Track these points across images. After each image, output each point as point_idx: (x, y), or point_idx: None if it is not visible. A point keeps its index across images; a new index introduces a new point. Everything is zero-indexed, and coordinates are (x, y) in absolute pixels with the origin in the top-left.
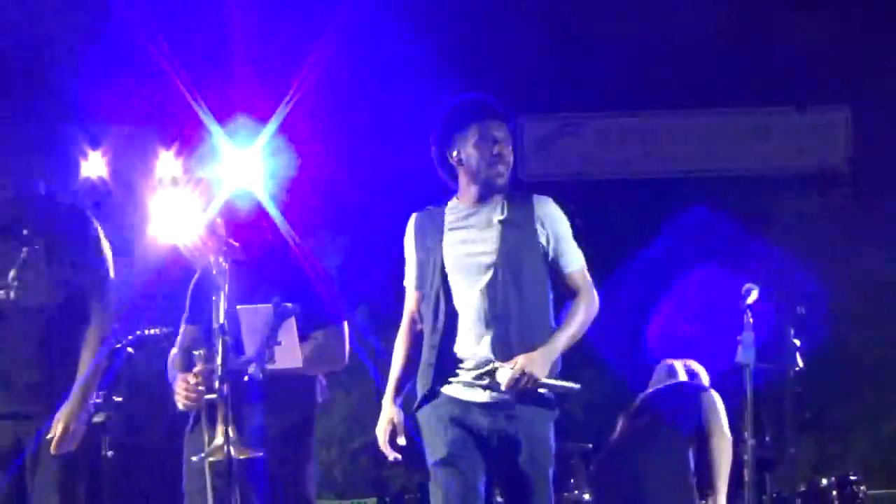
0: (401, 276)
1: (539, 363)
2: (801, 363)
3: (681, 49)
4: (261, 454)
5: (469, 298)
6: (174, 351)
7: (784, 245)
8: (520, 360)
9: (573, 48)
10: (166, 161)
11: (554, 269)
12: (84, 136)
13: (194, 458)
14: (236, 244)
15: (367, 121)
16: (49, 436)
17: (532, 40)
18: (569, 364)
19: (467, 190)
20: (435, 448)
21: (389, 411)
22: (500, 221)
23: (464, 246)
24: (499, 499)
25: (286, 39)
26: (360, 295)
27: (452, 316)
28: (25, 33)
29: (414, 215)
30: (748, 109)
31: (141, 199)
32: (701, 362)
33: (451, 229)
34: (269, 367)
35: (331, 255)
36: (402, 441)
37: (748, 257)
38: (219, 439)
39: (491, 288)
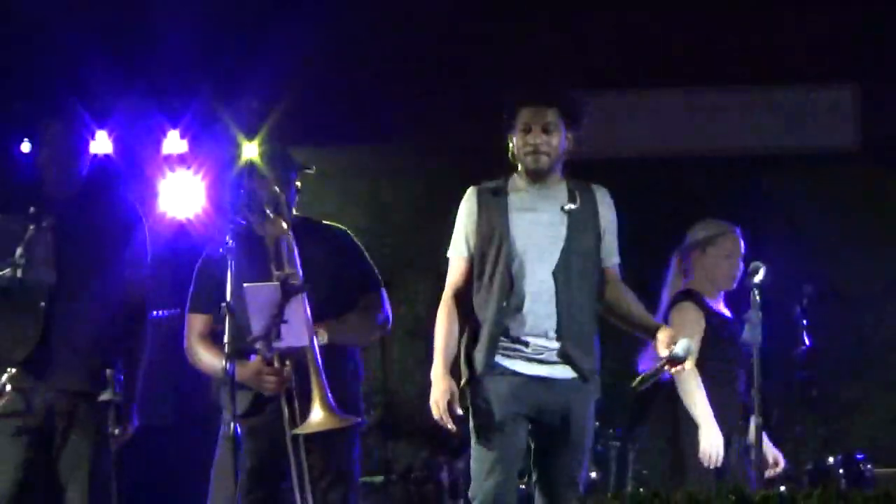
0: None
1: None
2: (807, 341)
3: (688, 26)
4: (361, 419)
5: (539, 280)
6: (193, 340)
7: (791, 223)
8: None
9: (579, 25)
10: (173, 139)
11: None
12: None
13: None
14: (243, 223)
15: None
16: (116, 431)
17: (536, 19)
18: None
19: (523, 173)
20: (485, 425)
21: (445, 382)
22: (568, 210)
23: (535, 228)
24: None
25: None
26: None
27: (520, 295)
28: (30, 10)
29: (473, 189)
30: (755, 87)
31: (148, 178)
32: None
33: (519, 210)
34: (276, 345)
35: None
36: (459, 411)
37: (755, 236)
38: (317, 412)
39: (562, 271)
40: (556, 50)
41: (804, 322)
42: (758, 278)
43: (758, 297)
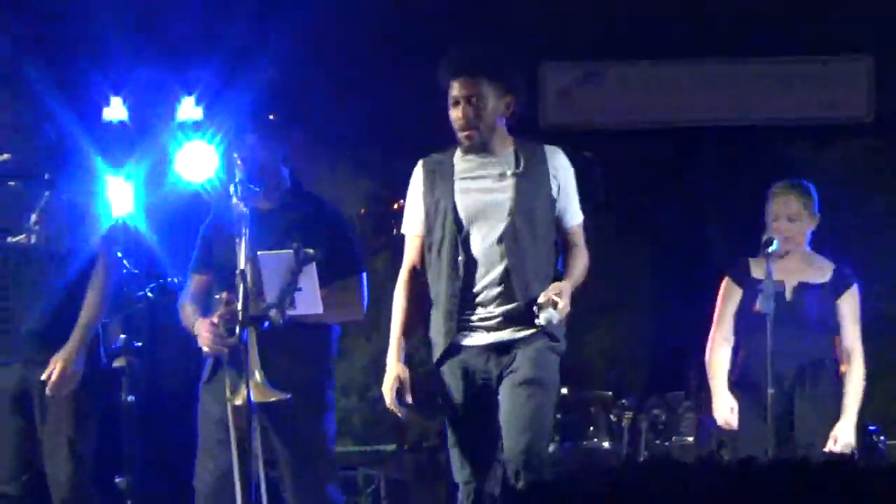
0: None
1: (568, 293)
2: None
3: None
4: (289, 396)
5: (486, 247)
6: (185, 301)
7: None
8: (561, 286)
9: None
10: (188, 106)
11: (557, 222)
12: (105, 81)
13: (220, 402)
14: (257, 189)
15: (390, 63)
16: (43, 377)
17: None
18: (588, 312)
19: None
20: (452, 405)
21: (395, 368)
22: (515, 174)
23: (479, 195)
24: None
25: None
26: (383, 242)
27: (470, 263)
28: None
29: (420, 162)
30: (770, 58)
31: (163, 145)
32: None
33: (462, 178)
34: (290, 312)
35: (353, 202)
36: (409, 399)
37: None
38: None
39: (508, 237)
40: (569, 18)
41: None
42: (772, 249)
43: (772, 269)
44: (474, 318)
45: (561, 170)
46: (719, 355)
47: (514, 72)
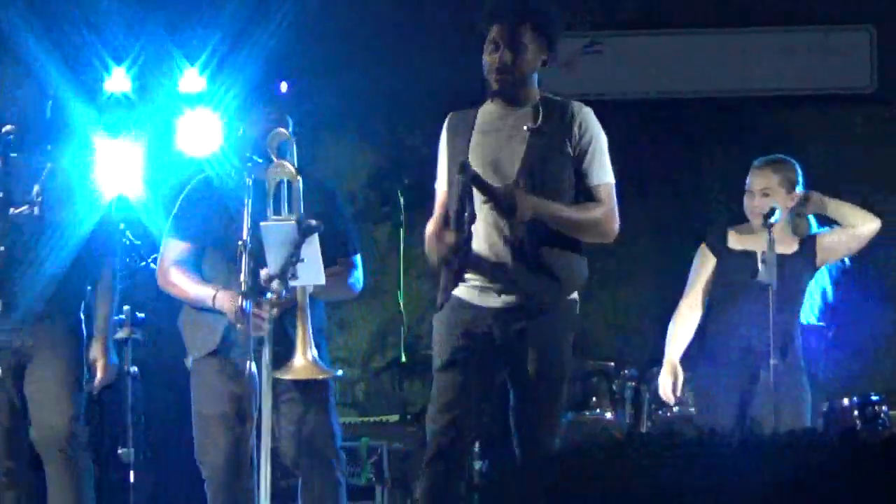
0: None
1: (524, 199)
2: (831, 295)
3: None
4: (340, 372)
5: (487, 206)
6: (171, 266)
7: (807, 168)
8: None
9: None
10: (191, 76)
11: (580, 181)
12: (108, 51)
13: (227, 375)
14: (259, 160)
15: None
16: (95, 383)
17: None
18: (589, 282)
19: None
20: (441, 355)
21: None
22: (529, 129)
23: (489, 150)
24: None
25: None
26: (386, 213)
27: (473, 220)
28: None
29: (450, 115)
30: (771, 28)
31: (166, 115)
32: None
33: (480, 132)
34: (292, 283)
35: (358, 174)
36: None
37: None
38: (299, 359)
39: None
40: None
41: (834, 274)
42: (773, 219)
43: (773, 238)
44: (479, 277)
45: (587, 126)
46: (683, 325)
47: (558, 28)
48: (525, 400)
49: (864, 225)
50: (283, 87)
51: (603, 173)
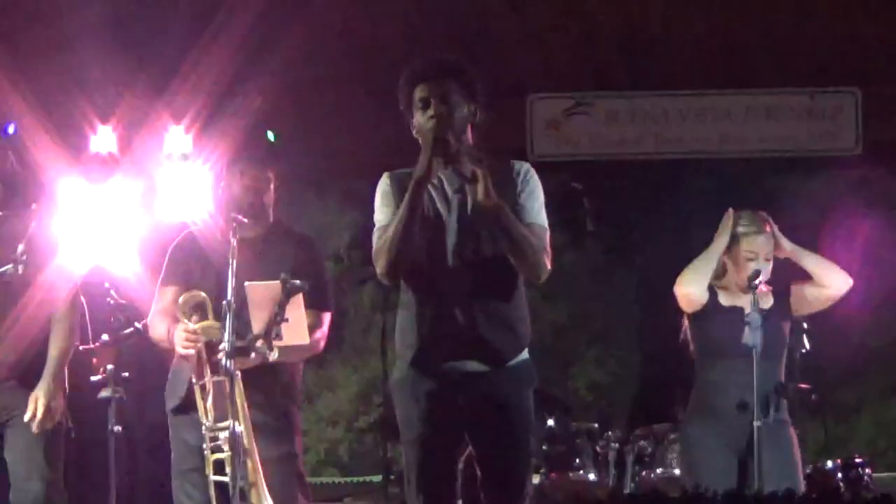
0: None
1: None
2: (807, 345)
3: (690, 29)
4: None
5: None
6: (155, 316)
7: (792, 227)
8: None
9: (582, 27)
10: (176, 136)
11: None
12: (94, 109)
13: (196, 429)
14: (245, 220)
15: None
16: (27, 417)
17: (541, 18)
18: (574, 343)
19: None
20: (409, 425)
21: None
22: (456, 190)
23: (431, 209)
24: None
25: None
26: (371, 273)
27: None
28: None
29: (385, 175)
30: (758, 90)
31: (149, 175)
32: None
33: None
34: (277, 343)
35: (340, 233)
36: None
37: None
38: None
39: (454, 256)
40: (555, 50)
41: (804, 325)
42: (758, 282)
43: (758, 300)
44: (436, 338)
45: (526, 176)
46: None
47: (477, 79)
48: (494, 466)
49: (835, 287)
50: (270, 135)
51: (540, 216)
